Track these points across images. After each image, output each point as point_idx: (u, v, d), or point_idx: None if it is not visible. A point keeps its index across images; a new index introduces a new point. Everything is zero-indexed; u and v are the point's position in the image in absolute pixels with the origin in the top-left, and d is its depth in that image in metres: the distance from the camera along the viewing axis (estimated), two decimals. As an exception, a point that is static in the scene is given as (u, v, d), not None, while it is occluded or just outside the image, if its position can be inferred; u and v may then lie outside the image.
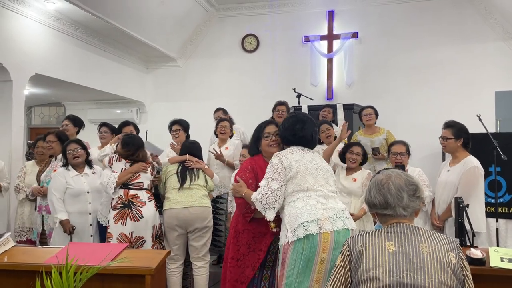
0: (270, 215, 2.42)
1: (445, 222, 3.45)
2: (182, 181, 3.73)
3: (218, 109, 5.56)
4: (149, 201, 3.66)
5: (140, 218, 3.55)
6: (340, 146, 4.12)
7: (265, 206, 2.42)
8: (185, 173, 3.78)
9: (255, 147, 2.87)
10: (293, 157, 2.51)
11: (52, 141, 4.19)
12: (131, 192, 3.62)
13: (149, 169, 3.79)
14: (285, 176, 2.46)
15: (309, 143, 2.66)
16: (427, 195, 3.60)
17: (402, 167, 3.60)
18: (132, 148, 3.75)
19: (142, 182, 3.69)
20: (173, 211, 3.65)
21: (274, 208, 2.43)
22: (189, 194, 3.70)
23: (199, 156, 3.99)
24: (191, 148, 3.96)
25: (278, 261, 2.44)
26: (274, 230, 2.59)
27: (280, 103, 5.17)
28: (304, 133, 2.62)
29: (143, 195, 3.65)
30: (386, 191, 1.71)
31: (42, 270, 1.52)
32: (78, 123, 4.70)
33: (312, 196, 2.39)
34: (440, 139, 3.51)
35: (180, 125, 4.64)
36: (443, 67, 6.59)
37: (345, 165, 3.93)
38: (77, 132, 4.66)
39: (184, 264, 3.81)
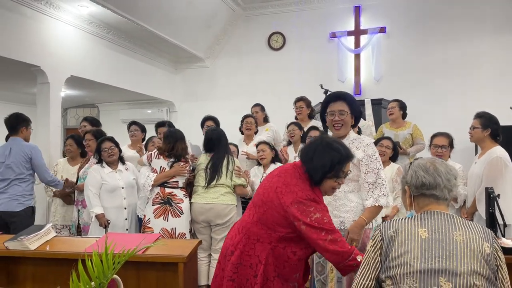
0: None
1: (473, 216, 3.39)
2: (211, 179, 3.77)
3: (255, 105, 5.50)
4: (185, 198, 3.81)
5: (181, 214, 3.71)
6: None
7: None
8: (213, 170, 3.79)
9: (320, 177, 2.07)
10: None
11: (89, 139, 4.37)
12: (167, 190, 3.77)
13: (187, 168, 3.89)
14: None
15: None
16: (463, 193, 3.52)
17: None
18: (172, 140, 3.85)
19: (177, 181, 3.83)
20: (197, 205, 3.77)
21: None
22: (213, 191, 3.76)
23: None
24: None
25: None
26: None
27: (298, 99, 5.16)
28: None
29: (179, 193, 3.80)
30: (434, 171, 1.71)
31: (84, 256, 1.61)
32: (95, 124, 4.91)
33: None
34: (469, 128, 3.48)
35: (214, 122, 4.74)
36: (475, 59, 6.44)
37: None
38: None
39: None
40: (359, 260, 1.91)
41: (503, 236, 2.53)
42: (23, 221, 3.81)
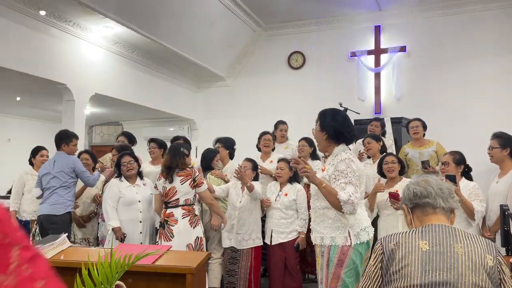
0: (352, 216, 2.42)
1: (496, 234, 3.32)
2: None
3: (284, 122, 5.42)
4: (182, 218, 3.64)
5: (172, 237, 3.58)
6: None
7: (354, 209, 2.35)
8: None
9: None
10: (359, 164, 2.52)
11: (114, 154, 4.50)
12: (168, 210, 3.70)
13: (188, 181, 3.73)
14: None
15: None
16: (479, 210, 3.45)
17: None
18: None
19: (178, 199, 3.69)
20: None
21: None
22: None
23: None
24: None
25: (330, 262, 2.42)
26: None
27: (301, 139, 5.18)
28: (354, 132, 2.62)
29: (178, 212, 3.67)
30: (425, 183, 1.74)
31: (90, 263, 1.66)
32: (132, 140, 5.02)
33: (362, 204, 2.55)
34: (488, 149, 3.46)
35: (220, 143, 4.81)
36: (496, 79, 6.32)
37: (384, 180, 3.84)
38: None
39: (231, 261, 4.12)
40: None
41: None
42: (63, 227, 3.96)
